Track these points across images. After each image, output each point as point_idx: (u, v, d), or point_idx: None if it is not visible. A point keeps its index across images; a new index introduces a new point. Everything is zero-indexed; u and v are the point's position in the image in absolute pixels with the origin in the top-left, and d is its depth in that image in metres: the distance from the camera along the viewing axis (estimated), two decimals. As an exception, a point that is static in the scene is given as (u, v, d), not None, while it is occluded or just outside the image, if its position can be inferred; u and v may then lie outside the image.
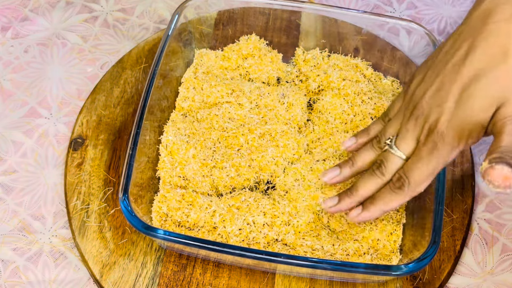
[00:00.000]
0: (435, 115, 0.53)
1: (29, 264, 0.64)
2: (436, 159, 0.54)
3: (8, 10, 0.84)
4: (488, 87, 0.51)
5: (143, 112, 0.63)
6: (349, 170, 0.61)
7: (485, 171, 0.48)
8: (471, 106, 0.52)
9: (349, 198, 0.59)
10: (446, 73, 0.54)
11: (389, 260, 0.61)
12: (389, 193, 0.57)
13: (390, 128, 0.59)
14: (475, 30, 0.53)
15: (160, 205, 0.63)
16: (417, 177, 0.55)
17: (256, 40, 0.76)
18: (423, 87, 0.56)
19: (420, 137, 0.55)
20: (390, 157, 0.57)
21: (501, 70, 0.51)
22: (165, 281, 0.62)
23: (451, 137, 0.53)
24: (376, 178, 0.57)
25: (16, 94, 0.76)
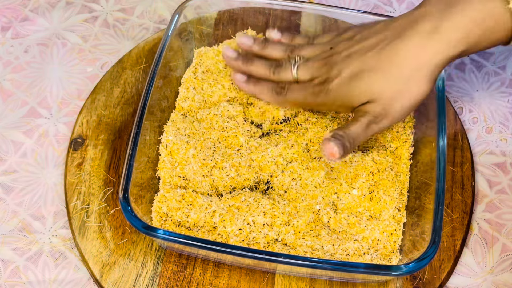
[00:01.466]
0: (334, 74, 0.62)
1: (29, 264, 0.64)
2: (311, 100, 0.64)
3: (8, 10, 0.84)
4: (372, 81, 0.59)
5: (143, 112, 0.63)
6: (257, 48, 0.69)
7: (324, 140, 0.58)
8: (353, 87, 0.60)
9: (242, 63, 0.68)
10: (361, 48, 0.61)
11: (389, 260, 0.61)
12: (268, 89, 0.66)
13: (306, 50, 0.67)
14: (400, 28, 0.60)
15: (160, 205, 0.63)
16: (292, 98, 0.65)
17: (253, 35, 0.76)
18: (345, 45, 0.63)
19: (315, 79, 0.64)
20: (287, 69, 0.66)
21: (387, 74, 0.59)
22: (165, 281, 0.62)
23: (331, 96, 0.62)
24: (268, 72, 0.67)
25: (16, 94, 0.76)
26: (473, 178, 0.69)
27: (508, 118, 0.75)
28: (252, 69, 0.68)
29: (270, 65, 0.67)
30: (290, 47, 0.68)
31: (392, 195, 0.64)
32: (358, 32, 0.64)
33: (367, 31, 0.63)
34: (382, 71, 0.59)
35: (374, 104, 0.60)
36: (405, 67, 0.58)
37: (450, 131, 0.72)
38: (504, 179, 0.70)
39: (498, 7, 0.56)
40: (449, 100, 0.75)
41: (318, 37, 0.68)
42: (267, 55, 0.69)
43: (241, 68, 0.69)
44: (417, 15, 0.59)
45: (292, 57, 0.66)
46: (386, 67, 0.59)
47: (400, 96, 0.59)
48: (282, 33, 0.70)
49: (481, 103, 0.76)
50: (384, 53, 0.59)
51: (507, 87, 0.77)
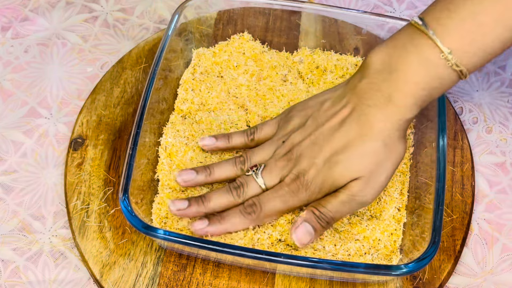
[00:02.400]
0: (306, 165, 0.59)
1: (29, 264, 0.64)
2: (292, 201, 0.60)
3: (8, 10, 0.84)
4: (350, 160, 0.58)
5: (143, 112, 0.63)
6: (204, 178, 0.63)
7: (294, 222, 0.59)
8: (334, 171, 0.58)
9: (198, 206, 0.60)
10: (322, 132, 0.60)
11: (390, 259, 0.61)
12: (238, 215, 0.60)
13: (258, 155, 0.63)
14: (352, 104, 0.59)
15: (159, 207, 0.63)
16: (270, 209, 0.60)
17: (249, 37, 0.76)
18: (302, 134, 0.61)
19: (286, 178, 0.60)
20: (251, 183, 0.61)
21: (365, 148, 0.58)
22: (165, 281, 0.62)
23: (313, 188, 0.59)
24: (231, 197, 0.61)
25: (16, 94, 0.76)
26: (473, 178, 0.69)
27: (508, 118, 0.75)
28: (211, 206, 0.60)
29: (229, 189, 0.61)
30: (238, 159, 0.63)
31: (392, 195, 0.64)
32: (305, 116, 0.62)
33: (317, 112, 0.61)
34: (357, 147, 0.58)
35: (358, 181, 0.58)
36: (376, 138, 0.57)
37: (450, 131, 0.72)
38: (504, 179, 0.70)
39: (439, 67, 0.55)
40: (449, 100, 0.75)
41: (257, 132, 0.65)
42: (217, 179, 0.63)
43: (200, 213, 0.61)
44: (365, 87, 0.58)
45: (247, 169, 0.62)
46: (359, 143, 0.58)
47: (381, 166, 0.58)
48: (216, 137, 0.65)
49: (481, 103, 0.76)
50: (352, 131, 0.58)
51: (507, 87, 0.77)
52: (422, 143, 0.67)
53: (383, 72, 0.58)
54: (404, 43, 0.57)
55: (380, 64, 0.58)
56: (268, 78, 0.73)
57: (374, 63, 0.58)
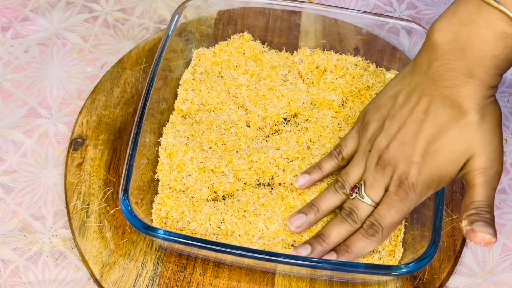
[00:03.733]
0: (404, 167, 0.57)
1: (29, 264, 0.64)
2: (407, 207, 0.58)
3: (8, 10, 0.84)
4: (453, 142, 0.55)
5: (143, 112, 0.63)
6: (314, 216, 0.62)
7: (467, 233, 0.53)
8: (438, 160, 0.56)
9: (321, 246, 0.60)
10: (408, 128, 0.57)
11: (393, 256, 0.61)
12: (363, 240, 0.59)
13: (353, 174, 0.61)
14: (429, 90, 0.56)
15: (159, 207, 0.63)
16: (390, 223, 0.58)
17: (249, 37, 0.76)
18: (386, 137, 0.59)
19: (390, 187, 0.58)
20: (360, 205, 0.59)
21: (462, 126, 0.55)
22: (165, 281, 0.62)
23: (421, 188, 0.57)
24: (348, 225, 0.60)
25: (16, 94, 0.76)
26: (473, 178, 0.69)
27: (508, 118, 0.75)
28: (334, 241, 0.60)
29: (343, 219, 0.60)
30: (337, 185, 0.62)
31: None
32: (382, 118, 0.60)
33: (393, 110, 0.59)
34: (452, 129, 0.55)
35: (475, 159, 0.55)
36: (469, 111, 0.55)
37: (450, 131, 0.72)
38: (504, 179, 0.70)
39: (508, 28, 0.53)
40: (449, 100, 0.75)
41: (343, 150, 0.63)
42: (327, 214, 0.62)
43: (325, 251, 0.60)
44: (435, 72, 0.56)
45: (349, 193, 0.61)
46: (453, 124, 0.55)
47: (487, 133, 0.55)
48: (308, 172, 0.64)
49: (481, 103, 0.76)
50: (439, 116, 0.56)
51: (507, 87, 0.77)
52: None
53: (454, 52, 0.55)
54: (471, 18, 0.54)
55: (449, 44, 0.55)
56: (268, 78, 0.73)
57: (441, 43, 0.56)
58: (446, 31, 0.55)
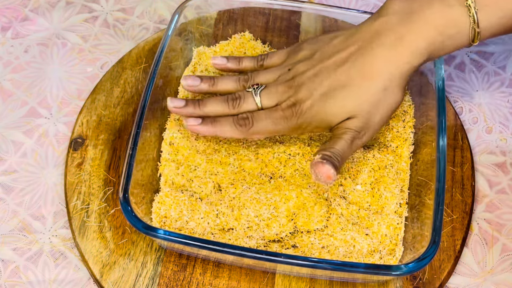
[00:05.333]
0: (304, 95, 0.60)
1: (29, 264, 0.64)
2: (283, 126, 0.61)
3: (8, 10, 0.84)
4: (347, 97, 0.59)
5: (143, 112, 0.63)
6: (207, 86, 0.65)
7: (315, 163, 0.57)
8: (329, 106, 0.59)
9: (194, 108, 0.63)
10: (326, 66, 0.61)
11: (394, 255, 0.61)
12: (229, 123, 0.62)
13: (262, 76, 0.64)
14: (362, 42, 0.60)
15: (159, 206, 0.63)
16: (260, 128, 0.61)
17: (250, 37, 0.76)
18: (307, 65, 0.62)
19: (282, 103, 0.61)
20: (248, 98, 0.63)
21: (363, 89, 0.59)
22: (165, 281, 0.62)
23: (305, 118, 0.60)
24: (226, 107, 0.63)
25: (16, 94, 0.76)
26: (473, 178, 0.69)
27: (508, 118, 0.75)
28: (206, 110, 0.63)
29: (226, 99, 0.63)
30: (243, 76, 0.65)
31: (393, 191, 0.64)
32: (315, 49, 0.63)
33: (326, 47, 0.62)
34: (356, 86, 0.59)
35: (355, 119, 0.59)
36: (377, 79, 0.58)
37: (450, 131, 0.72)
38: (504, 179, 0.70)
39: (459, 14, 0.56)
40: (449, 100, 0.75)
41: (267, 58, 0.67)
42: (220, 91, 0.66)
43: (194, 113, 0.63)
44: (378, 26, 0.59)
45: (249, 86, 0.64)
46: (359, 81, 0.59)
47: (378, 108, 0.59)
48: (227, 58, 0.68)
49: (481, 103, 0.76)
50: (354, 68, 0.59)
51: (507, 87, 0.77)
52: (422, 142, 0.67)
53: (401, 13, 0.58)
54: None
55: (400, 7, 0.58)
56: None
57: (394, 5, 0.59)
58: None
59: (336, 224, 0.62)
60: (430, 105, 0.65)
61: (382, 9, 0.60)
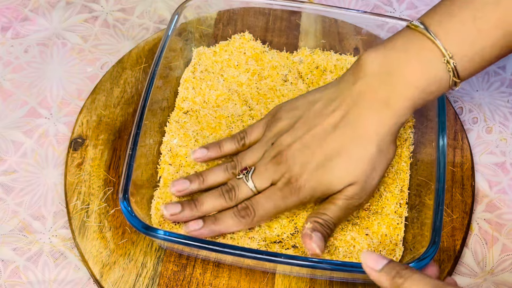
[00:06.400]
0: (298, 170, 0.58)
1: (29, 264, 0.64)
2: (285, 205, 0.59)
3: (8, 10, 0.84)
4: (346, 165, 0.58)
5: (143, 112, 0.63)
6: (197, 186, 0.62)
7: (305, 235, 0.57)
8: (329, 175, 0.58)
9: (191, 210, 0.61)
10: (314, 136, 0.59)
11: (394, 256, 0.61)
12: (231, 218, 0.60)
13: (248, 158, 0.62)
14: (346, 106, 0.58)
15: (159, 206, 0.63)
16: (263, 213, 0.59)
17: (250, 37, 0.76)
18: (292, 136, 0.60)
19: (278, 182, 0.59)
20: (242, 186, 0.61)
21: (357, 155, 0.57)
22: (165, 281, 0.62)
23: (305, 193, 0.59)
24: (223, 201, 0.61)
25: (16, 94, 0.76)
26: (473, 178, 0.69)
27: (508, 118, 0.75)
28: (204, 210, 0.61)
29: (221, 193, 0.61)
30: (229, 164, 0.63)
31: (393, 192, 0.64)
32: (295, 117, 0.61)
33: (307, 113, 0.60)
34: (350, 153, 0.58)
35: (354, 186, 0.58)
36: (371, 143, 0.57)
37: (450, 131, 0.72)
38: (504, 179, 0.70)
39: (439, 71, 0.56)
40: (449, 100, 0.75)
41: (247, 136, 0.64)
42: (211, 186, 0.63)
43: (193, 217, 0.61)
44: (359, 88, 0.58)
45: (237, 174, 0.62)
46: (353, 148, 0.58)
47: (376, 170, 0.58)
48: (207, 147, 0.65)
49: (481, 103, 0.76)
50: (345, 135, 0.58)
51: (507, 87, 0.77)
52: (422, 143, 0.67)
53: (381, 75, 0.57)
54: (404, 45, 0.57)
55: (378, 66, 0.57)
56: (268, 78, 0.73)
57: (370, 65, 0.58)
58: (377, 54, 0.58)
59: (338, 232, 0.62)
60: (430, 105, 0.65)
61: (359, 67, 0.58)
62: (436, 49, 0.56)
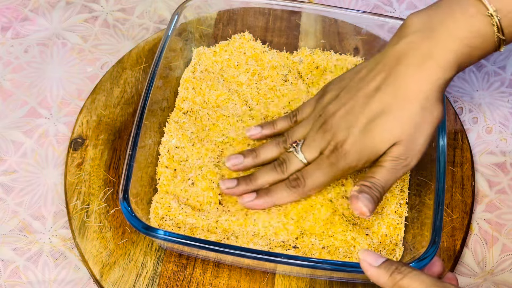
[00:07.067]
0: (342, 135, 0.59)
1: (29, 264, 0.64)
2: (334, 172, 0.60)
3: (8, 10, 0.84)
4: (389, 124, 0.57)
5: (143, 112, 0.63)
6: (251, 161, 0.64)
7: (352, 197, 0.57)
8: (373, 137, 0.58)
9: (246, 185, 0.63)
10: (357, 100, 0.59)
11: (394, 256, 0.61)
12: (284, 189, 0.61)
13: (298, 132, 0.63)
14: (389, 67, 0.58)
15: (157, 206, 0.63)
16: (313, 182, 0.61)
17: (250, 37, 0.76)
18: (336, 105, 0.61)
19: (325, 150, 0.60)
20: (293, 159, 0.62)
21: (402, 113, 0.57)
22: (165, 281, 0.62)
23: (352, 158, 0.59)
24: (276, 174, 0.62)
25: (16, 94, 0.76)
26: (473, 178, 0.69)
27: (508, 118, 0.75)
28: (259, 183, 0.62)
29: (274, 166, 0.63)
30: (281, 139, 0.64)
31: (393, 191, 0.64)
32: (341, 87, 0.62)
33: (352, 82, 0.61)
34: (394, 111, 0.57)
35: (398, 146, 0.57)
36: (414, 101, 0.57)
37: (450, 131, 0.72)
38: (504, 179, 0.70)
39: (483, 24, 0.56)
40: (449, 100, 0.75)
41: (299, 113, 0.66)
42: (264, 161, 0.64)
43: (248, 190, 0.62)
44: (402, 48, 0.58)
45: (288, 147, 0.63)
46: (396, 106, 0.57)
47: (421, 130, 0.57)
48: (261, 125, 0.67)
49: (481, 103, 0.76)
50: (388, 94, 0.57)
51: (507, 87, 0.77)
52: (422, 143, 0.67)
53: (424, 31, 0.57)
54: (449, 4, 0.57)
55: (421, 24, 0.58)
56: (269, 78, 0.73)
57: (414, 23, 0.58)
58: (422, 13, 0.59)
59: (338, 225, 0.62)
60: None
61: (402, 28, 0.59)
62: (481, 5, 0.56)
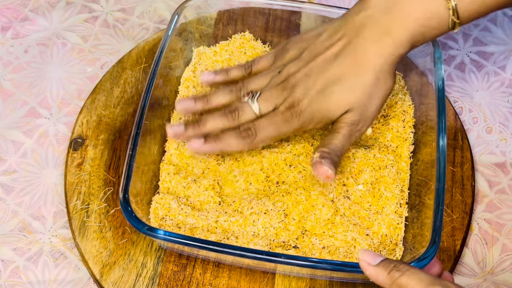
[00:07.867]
0: (300, 95, 0.61)
1: (29, 264, 0.64)
2: (286, 129, 0.62)
3: (8, 10, 0.84)
4: (344, 91, 0.60)
5: (143, 113, 0.63)
6: (202, 105, 0.65)
7: (314, 163, 0.59)
8: (328, 101, 0.61)
9: (194, 129, 0.63)
10: (317, 64, 0.61)
11: (394, 255, 0.61)
12: (234, 137, 0.62)
13: (254, 83, 0.64)
14: (348, 37, 0.61)
15: (157, 206, 0.63)
16: (264, 136, 0.62)
17: (250, 37, 0.76)
18: (297, 65, 0.63)
19: (280, 106, 0.62)
20: (246, 108, 0.62)
21: (355, 82, 0.60)
22: (165, 281, 0.62)
23: (305, 118, 0.61)
24: (226, 120, 0.62)
25: (16, 94, 0.76)
26: (473, 178, 0.69)
27: (508, 118, 0.75)
28: (207, 128, 0.62)
29: (224, 113, 0.63)
30: (235, 86, 0.65)
31: (393, 191, 0.64)
32: (302, 48, 0.64)
33: (313, 45, 0.63)
34: (350, 80, 0.60)
35: (352, 113, 0.60)
36: (369, 72, 0.60)
37: (450, 131, 0.72)
38: (504, 179, 0.70)
39: (439, 7, 0.58)
40: (449, 100, 0.75)
41: (254, 64, 0.67)
42: (216, 106, 0.64)
43: (196, 135, 0.62)
44: (362, 19, 0.61)
45: (242, 96, 0.64)
46: (352, 75, 0.60)
47: (373, 99, 0.61)
48: (215, 72, 0.67)
49: (481, 103, 0.76)
50: (345, 62, 0.60)
51: (507, 87, 0.77)
52: (422, 142, 0.67)
53: (383, 6, 0.60)
54: None
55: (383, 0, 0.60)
56: None
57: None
58: None
59: (339, 225, 0.62)
60: (430, 105, 0.65)
61: (363, 1, 0.61)
62: None
